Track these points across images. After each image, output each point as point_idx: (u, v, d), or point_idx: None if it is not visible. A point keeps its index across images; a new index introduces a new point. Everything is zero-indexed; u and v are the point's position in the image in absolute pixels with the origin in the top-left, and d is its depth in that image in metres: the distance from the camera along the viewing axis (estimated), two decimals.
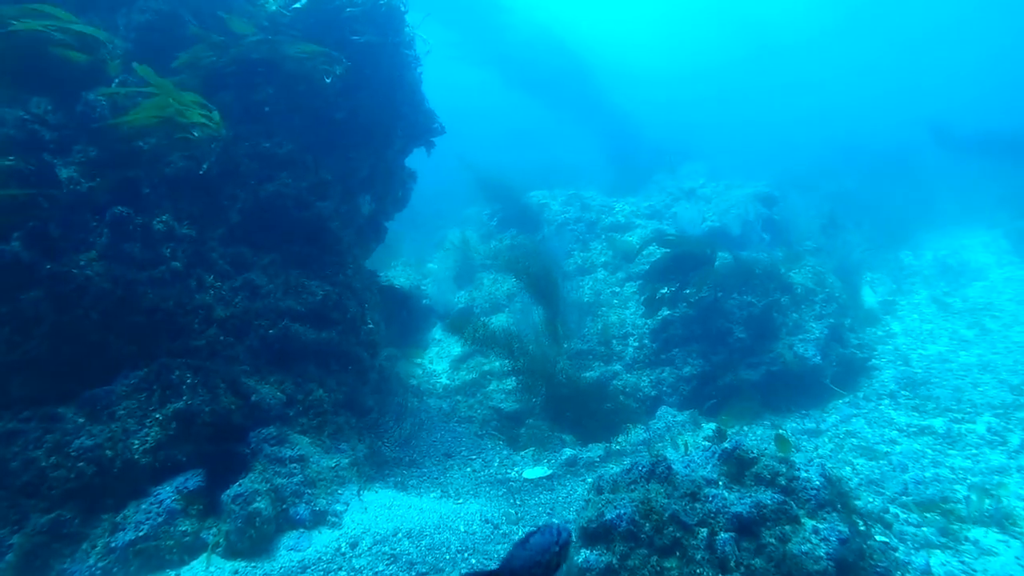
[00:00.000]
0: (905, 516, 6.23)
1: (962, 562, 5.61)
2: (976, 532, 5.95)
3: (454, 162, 21.06)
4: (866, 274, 14.21)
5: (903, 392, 9.43)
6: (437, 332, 13.62)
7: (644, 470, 5.35)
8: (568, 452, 8.32)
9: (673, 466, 5.32)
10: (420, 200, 26.76)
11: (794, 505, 4.90)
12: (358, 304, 7.88)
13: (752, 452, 5.22)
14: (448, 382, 11.57)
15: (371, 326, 7.98)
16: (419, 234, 21.32)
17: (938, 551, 5.78)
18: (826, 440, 8.12)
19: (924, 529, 6.05)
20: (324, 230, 7.82)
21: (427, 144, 10.27)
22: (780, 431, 7.67)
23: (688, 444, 5.93)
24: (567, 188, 16.16)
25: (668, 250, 10.40)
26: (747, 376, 9.71)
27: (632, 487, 5.29)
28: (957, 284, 14.45)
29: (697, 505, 5.02)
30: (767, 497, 4.91)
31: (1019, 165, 20.97)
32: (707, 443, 6.15)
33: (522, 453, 8.63)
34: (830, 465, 7.27)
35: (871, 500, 6.48)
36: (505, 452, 8.66)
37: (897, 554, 5.56)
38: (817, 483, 5.03)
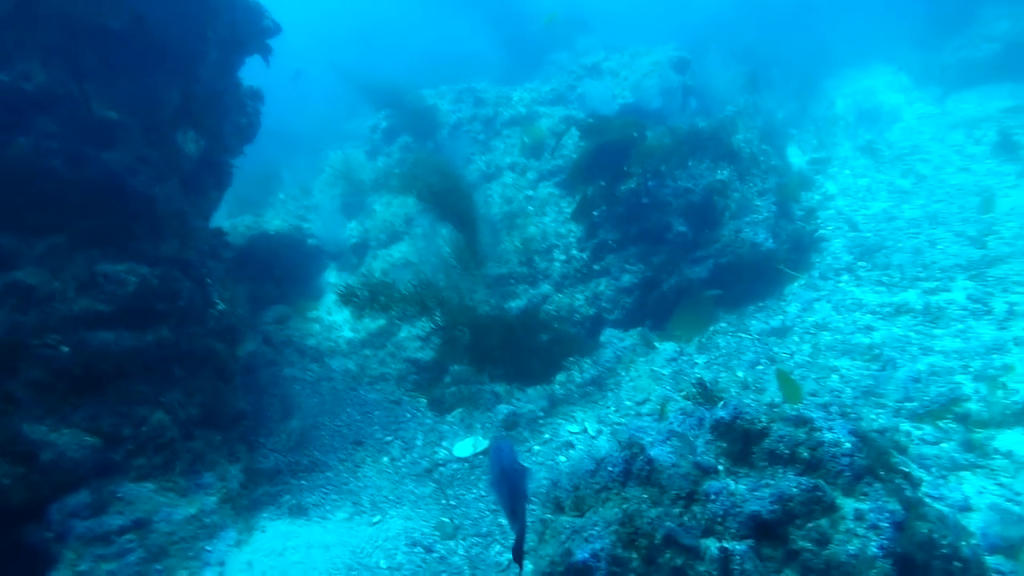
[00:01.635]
0: (919, 433, 5.04)
1: (1000, 484, 4.50)
2: (1002, 439, 4.84)
3: (332, 72, 17.92)
4: (791, 132, 12.92)
5: (860, 263, 8.28)
6: (331, 275, 11.47)
7: (617, 470, 3.78)
8: (504, 408, 6.74)
9: (654, 456, 3.75)
10: (300, 121, 23.44)
11: (826, 486, 3.47)
12: (196, 282, 5.70)
13: (760, 419, 3.70)
14: (352, 334, 9.63)
15: (222, 306, 5.87)
16: (301, 161, 18.45)
17: (968, 474, 4.64)
18: (797, 340, 6.87)
19: (944, 446, 4.88)
20: (122, 190, 5.45)
21: (262, 51, 7.71)
22: (776, 367, 6.21)
23: (665, 410, 4.44)
24: (456, 84, 13.72)
25: (587, 141, 8.52)
26: (693, 274, 8.28)
27: (604, 497, 3.72)
28: (877, 130, 13.38)
29: (697, 509, 3.51)
30: (790, 483, 3.44)
31: None
32: (687, 404, 4.61)
33: (449, 418, 6.99)
34: (815, 377, 6.05)
35: (874, 418, 5.26)
36: (428, 420, 7.00)
37: (924, 487, 4.36)
38: (848, 445, 3.58)
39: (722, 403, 3.92)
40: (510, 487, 3.10)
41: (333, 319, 10.25)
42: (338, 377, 8.63)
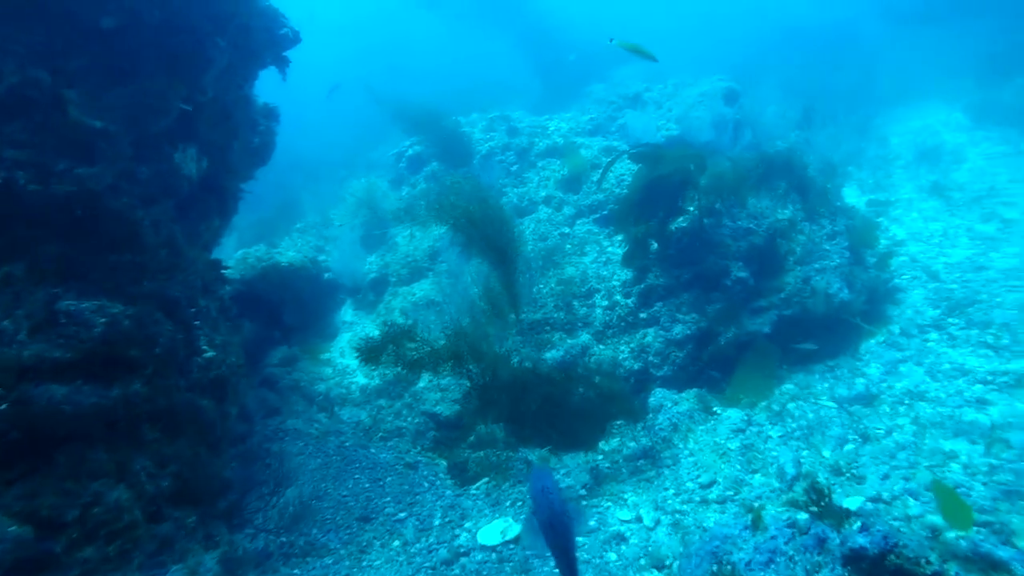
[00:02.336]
0: None
1: None
2: None
3: (362, 93, 17.34)
4: (848, 170, 11.87)
5: (951, 320, 7.13)
6: (347, 312, 10.57)
7: None
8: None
9: None
10: (323, 146, 22.94)
11: None
12: (181, 324, 4.78)
13: (929, 559, 2.59)
14: (366, 380, 8.65)
15: (211, 353, 4.92)
16: (324, 188, 17.82)
17: None
18: (888, 411, 5.70)
19: None
20: (99, 212, 4.59)
21: (278, 63, 6.93)
22: (932, 474, 4.90)
23: (761, 517, 3.35)
24: (488, 111, 12.97)
25: (639, 171, 7.56)
26: (754, 326, 7.20)
27: None
28: (940, 170, 12.26)
29: None
30: None
31: (962, 33, 18.94)
32: (797, 516, 3.48)
33: (473, 490, 5.91)
34: (927, 464, 4.88)
35: None
36: (448, 492, 5.92)
37: None
38: None
39: (858, 523, 2.82)
40: (557, 536, 2.92)
41: (346, 362, 9.30)
42: (348, 431, 7.62)
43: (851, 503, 4.25)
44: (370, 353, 5.65)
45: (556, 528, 2.95)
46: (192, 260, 5.35)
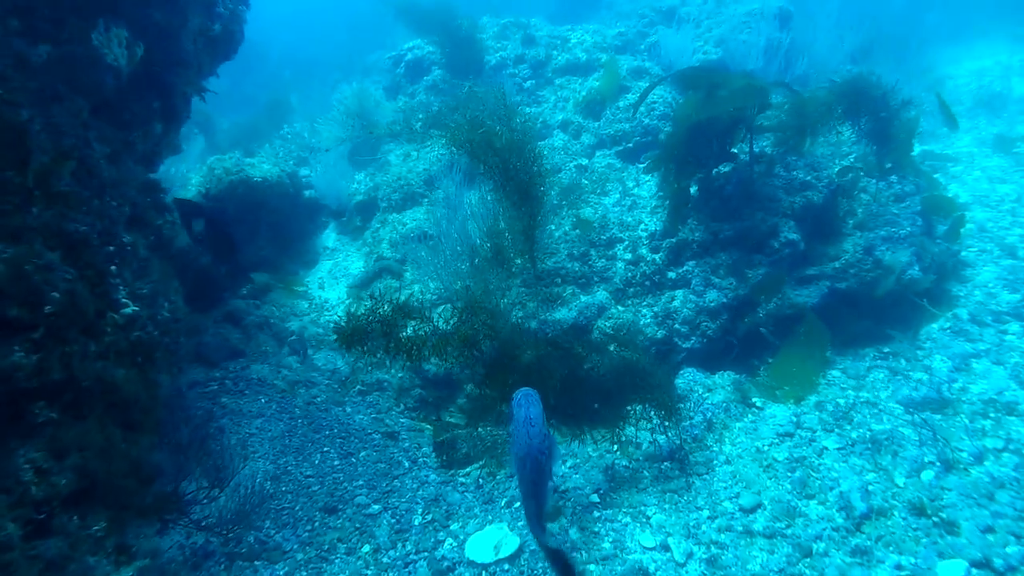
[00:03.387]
0: None
1: None
2: None
3: None
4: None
5: None
6: (330, 237, 9.31)
7: None
8: None
9: None
10: (319, 43, 20.75)
11: None
12: (89, 269, 3.56)
13: None
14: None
15: (132, 309, 3.74)
16: (317, 90, 16.04)
17: None
18: (968, 423, 4.68)
19: None
20: None
21: None
22: (961, 478, 3.96)
23: None
24: (502, 15, 11.19)
25: (666, 95, 6.15)
26: (799, 298, 6.09)
27: None
28: (1005, 120, 10.85)
29: None
30: None
31: None
32: None
33: (462, 478, 4.93)
34: None
35: None
36: (433, 478, 4.92)
37: None
38: None
39: None
40: (529, 474, 2.81)
41: (326, 296, 8.15)
42: (321, 382, 6.59)
43: (949, 571, 3.28)
44: (352, 336, 4.46)
45: (529, 465, 2.79)
46: (116, 180, 4.06)
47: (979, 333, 5.86)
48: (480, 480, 4.84)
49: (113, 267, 3.69)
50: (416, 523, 4.38)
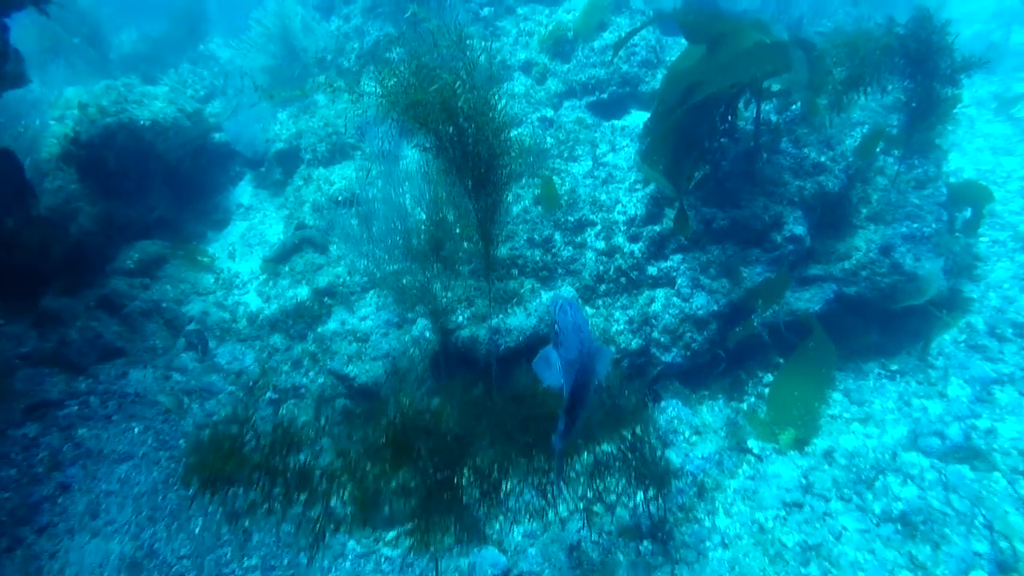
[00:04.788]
0: None
1: None
2: None
3: None
4: None
5: None
6: (245, 192, 7.70)
7: None
8: (488, 556, 3.62)
9: None
10: None
11: None
12: None
13: None
14: (260, 304, 6.17)
15: None
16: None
17: None
18: (1004, 487, 3.81)
19: None
20: None
21: None
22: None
23: None
24: None
25: (649, 36, 4.77)
26: (800, 303, 5.05)
27: None
28: (1002, 78, 9.82)
29: None
30: None
31: None
32: None
33: (387, 550, 3.83)
34: None
35: None
36: (353, 544, 3.81)
37: None
38: None
39: None
40: (578, 386, 2.66)
41: (237, 268, 6.69)
42: (222, 390, 5.29)
43: None
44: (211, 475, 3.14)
45: (581, 375, 2.63)
46: None
47: (999, 350, 4.98)
48: (407, 557, 3.74)
49: None
50: None
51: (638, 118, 6.59)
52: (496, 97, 3.98)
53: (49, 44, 9.29)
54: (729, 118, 4.76)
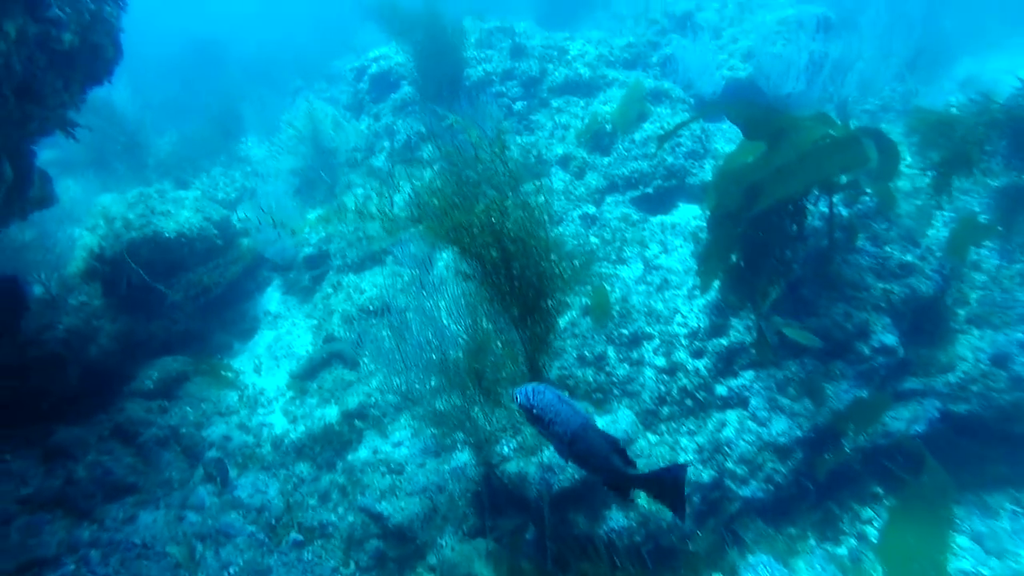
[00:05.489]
0: None
1: None
2: None
3: None
4: None
5: None
6: (272, 298, 7.34)
7: None
8: None
9: None
10: (283, 46, 18.42)
11: None
12: None
13: None
14: (286, 426, 5.64)
15: None
16: (273, 97, 13.85)
17: None
18: None
19: None
20: None
21: None
22: None
23: None
24: (486, 20, 9.23)
25: (690, 122, 4.30)
26: (897, 423, 4.32)
27: None
28: None
29: None
30: None
31: None
32: None
33: None
34: None
35: None
36: None
37: None
38: None
39: None
40: (592, 434, 2.61)
41: (262, 384, 6.22)
42: (242, 532, 4.70)
43: None
44: None
45: (589, 434, 2.57)
46: None
47: None
48: None
49: None
50: None
51: (687, 212, 6.11)
52: (540, 199, 3.53)
53: (94, 156, 9.41)
54: (800, 221, 4.23)
